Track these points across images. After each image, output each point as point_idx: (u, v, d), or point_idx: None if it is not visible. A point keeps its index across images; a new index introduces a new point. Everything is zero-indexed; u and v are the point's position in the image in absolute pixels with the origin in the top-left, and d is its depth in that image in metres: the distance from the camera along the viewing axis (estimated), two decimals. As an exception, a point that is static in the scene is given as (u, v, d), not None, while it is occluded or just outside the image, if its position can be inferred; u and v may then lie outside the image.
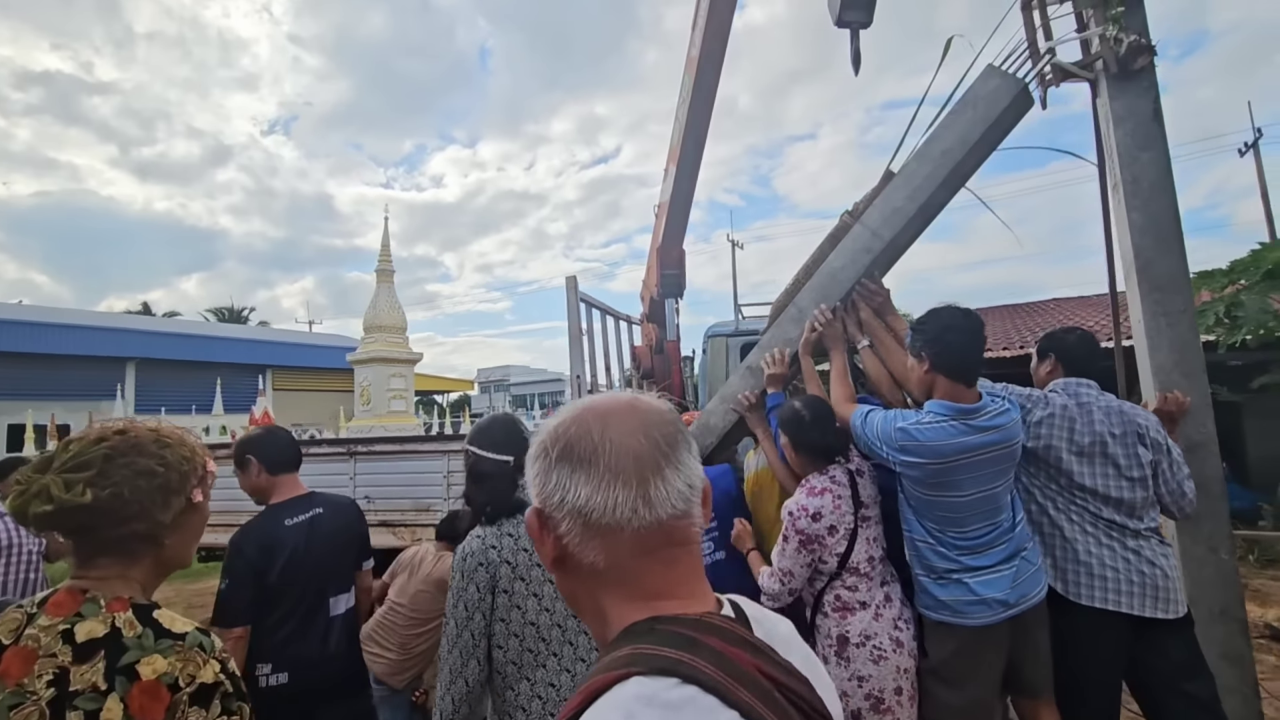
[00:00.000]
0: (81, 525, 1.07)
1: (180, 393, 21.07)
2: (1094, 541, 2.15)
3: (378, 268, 13.00)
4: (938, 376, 2.08)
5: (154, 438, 1.18)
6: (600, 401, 0.72)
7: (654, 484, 0.66)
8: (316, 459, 4.82)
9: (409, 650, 3.39)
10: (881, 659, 2.06)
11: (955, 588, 2.03)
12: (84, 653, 1.00)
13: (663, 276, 5.06)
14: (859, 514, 2.17)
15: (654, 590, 0.67)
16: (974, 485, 2.00)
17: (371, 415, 12.18)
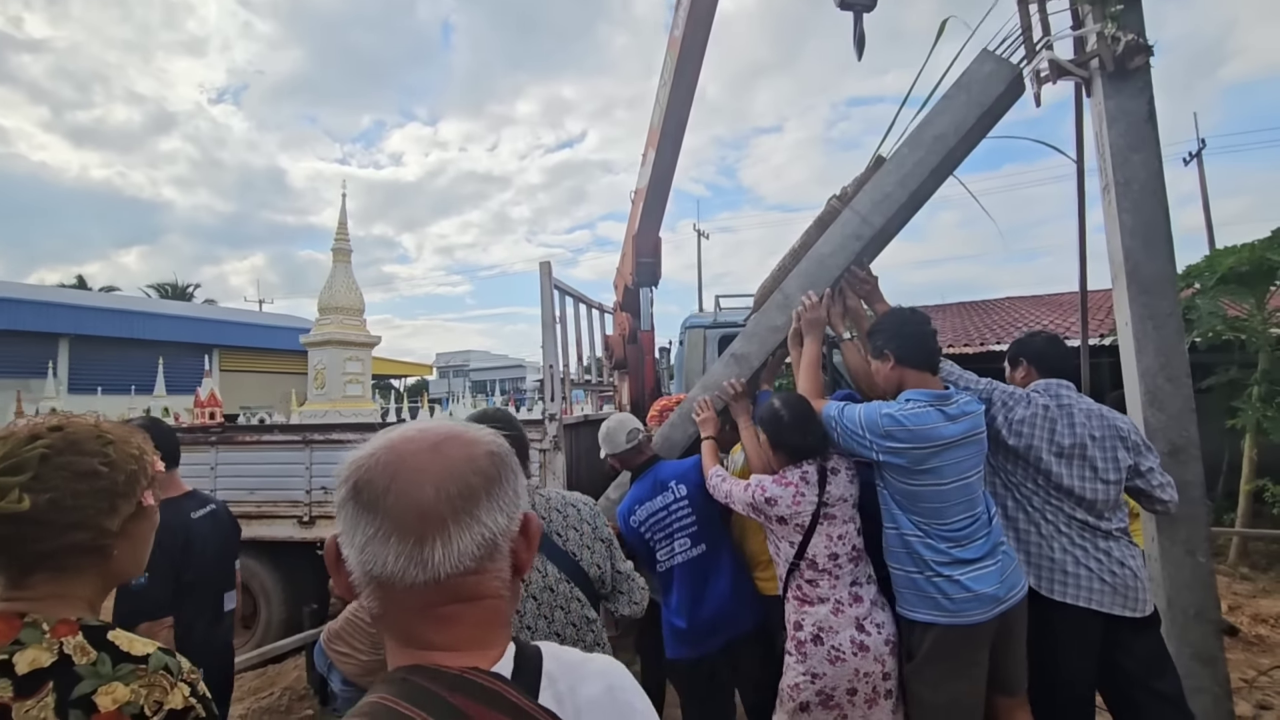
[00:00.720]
0: (13, 537, 0.91)
1: (118, 372, 20.06)
2: (1068, 541, 2.20)
3: (334, 246, 12.51)
4: (905, 370, 2.18)
5: (95, 434, 1.02)
6: (404, 439, 0.67)
7: (432, 543, 0.62)
8: (267, 447, 4.58)
9: (379, 652, 3.22)
10: (839, 660, 2.07)
11: (948, 584, 2.01)
12: (28, 686, 0.85)
13: (638, 264, 4.94)
14: (820, 510, 2.17)
15: (427, 643, 0.65)
16: (953, 473, 2.04)
17: (326, 399, 11.75)
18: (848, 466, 2.27)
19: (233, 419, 16.54)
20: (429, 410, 20.00)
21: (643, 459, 2.68)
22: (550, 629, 1.70)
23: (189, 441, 4.74)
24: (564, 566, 1.79)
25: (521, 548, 0.71)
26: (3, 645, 0.87)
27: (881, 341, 2.23)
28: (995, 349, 10.44)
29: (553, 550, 1.79)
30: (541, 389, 4.31)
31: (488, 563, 0.66)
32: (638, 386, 5.05)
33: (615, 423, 2.70)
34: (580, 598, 1.79)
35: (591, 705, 0.67)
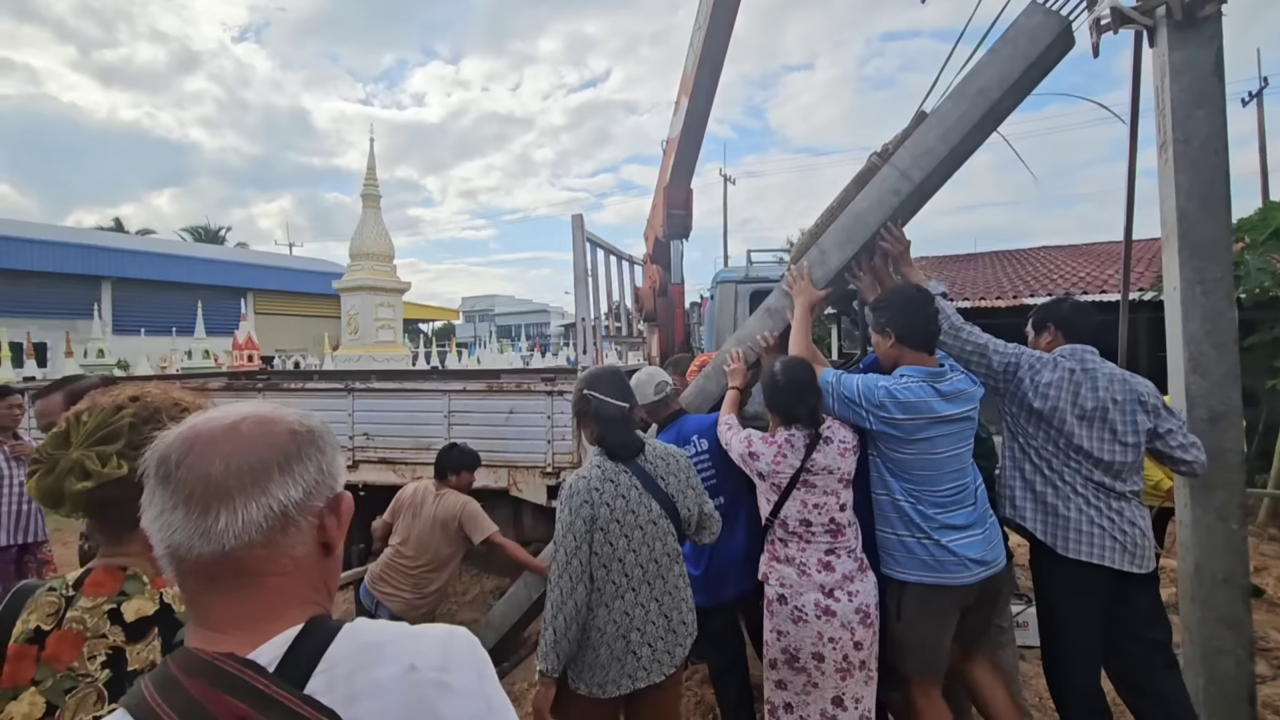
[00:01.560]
0: (115, 500, 1.00)
1: (159, 314, 20.64)
2: (1083, 501, 2.28)
3: (363, 192, 12.57)
4: (904, 349, 2.25)
5: (171, 402, 1.11)
6: (206, 418, 0.70)
7: (217, 514, 0.64)
8: (311, 394, 4.74)
9: (422, 590, 3.44)
10: (801, 620, 2.14)
11: (936, 548, 2.13)
12: (136, 631, 0.95)
13: (669, 216, 4.89)
14: (800, 476, 2.19)
15: (206, 619, 0.66)
16: (945, 445, 2.15)
17: (359, 345, 12.02)
18: (843, 440, 2.24)
19: (269, 361, 17.07)
20: (456, 354, 20.37)
21: (669, 412, 2.75)
22: (651, 555, 1.98)
23: (237, 388, 4.94)
24: (664, 504, 2.03)
25: (331, 525, 0.72)
26: (110, 595, 0.96)
27: (885, 320, 2.29)
28: (1028, 302, 10.19)
29: (656, 490, 2.03)
30: (567, 335, 4.35)
31: (278, 536, 0.67)
32: (668, 339, 5.08)
33: (645, 375, 2.77)
34: (672, 532, 2.04)
35: (375, 689, 0.64)
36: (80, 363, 12.99)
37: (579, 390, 2.12)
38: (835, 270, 2.77)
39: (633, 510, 1.96)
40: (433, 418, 4.44)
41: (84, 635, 0.92)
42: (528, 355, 21.28)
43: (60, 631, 0.92)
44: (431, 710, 0.66)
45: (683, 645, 2.03)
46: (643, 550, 1.96)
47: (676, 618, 2.03)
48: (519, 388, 4.39)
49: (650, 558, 1.97)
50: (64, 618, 0.93)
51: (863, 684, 2.17)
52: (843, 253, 2.75)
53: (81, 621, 0.93)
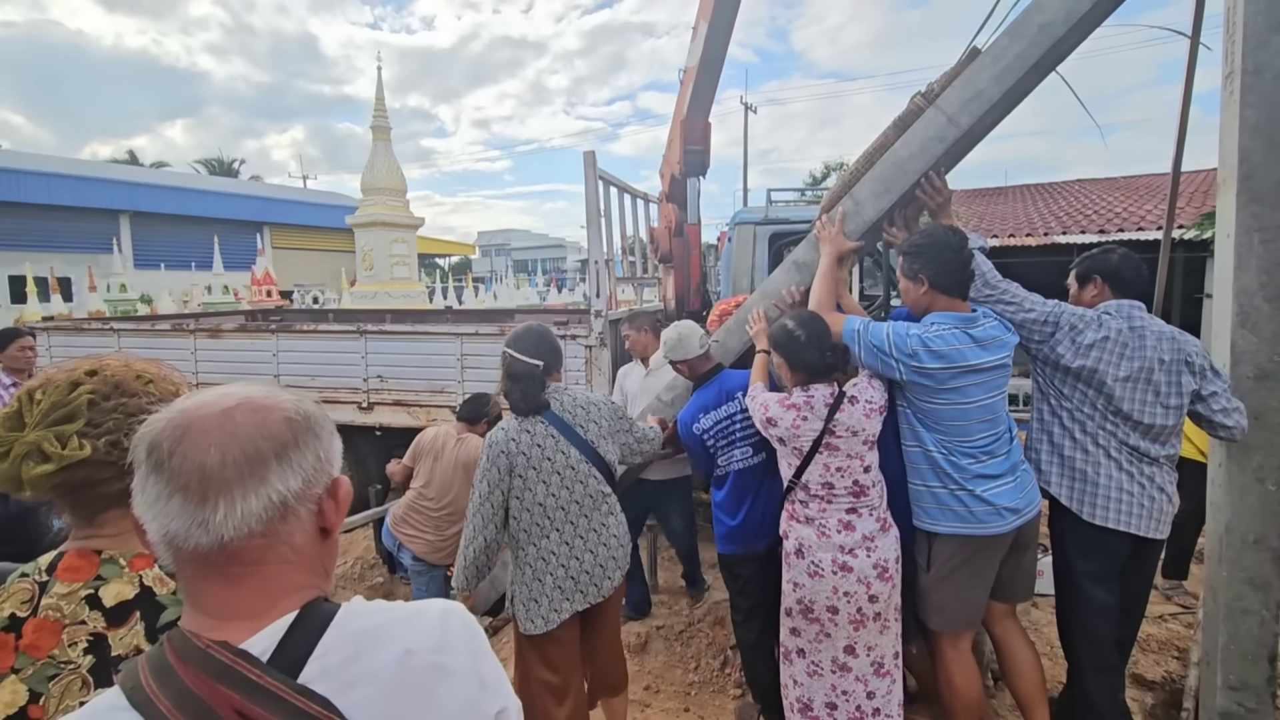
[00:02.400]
0: (86, 481, 0.95)
1: (178, 248, 20.71)
2: (1115, 466, 2.23)
3: (373, 124, 12.25)
4: (937, 295, 2.16)
5: (133, 374, 1.04)
6: (196, 404, 0.68)
7: (215, 505, 0.63)
8: (324, 336, 4.72)
9: (444, 533, 3.52)
10: (817, 575, 2.13)
11: (970, 498, 2.09)
12: (117, 616, 0.92)
13: (686, 152, 4.65)
14: (823, 439, 2.12)
15: (203, 606, 0.66)
16: (978, 394, 2.08)
17: (375, 281, 12.00)
18: (869, 400, 2.16)
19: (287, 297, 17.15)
20: (473, 290, 20.34)
21: (709, 366, 2.72)
22: (572, 498, 2.17)
23: (251, 329, 4.93)
24: (584, 451, 2.20)
25: (330, 510, 0.71)
26: (86, 580, 0.92)
27: (919, 265, 2.18)
28: (1059, 240, 9.81)
29: (574, 438, 2.19)
30: (584, 270, 4.28)
31: (277, 526, 0.66)
32: (683, 281, 4.94)
33: (686, 329, 2.74)
34: (596, 475, 2.22)
35: (370, 676, 0.65)
36: (104, 297, 13.15)
37: (503, 348, 2.27)
38: (870, 223, 2.61)
39: (548, 458, 2.14)
40: (445, 360, 4.41)
41: (62, 623, 0.89)
42: (544, 291, 21.22)
43: (37, 619, 0.89)
44: (428, 694, 0.67)
45: (611, 578, 2.24)
46: (562, 494, 2.15)
47: (605, 553, 2.23)
48: (531, 331, 4.32)
49: (571, 500, 2.16)
50: (39, 605, 0.90)
51: (877, 634, 2.18)
52: (878, 204, 2.58)
53: (58, 609, 0.90)
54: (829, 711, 2.18)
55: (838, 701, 2.18)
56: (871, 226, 2.62)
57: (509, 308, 8.36)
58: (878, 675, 2.19)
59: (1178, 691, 2.88)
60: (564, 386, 2.31)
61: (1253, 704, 2.33)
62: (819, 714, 2.19)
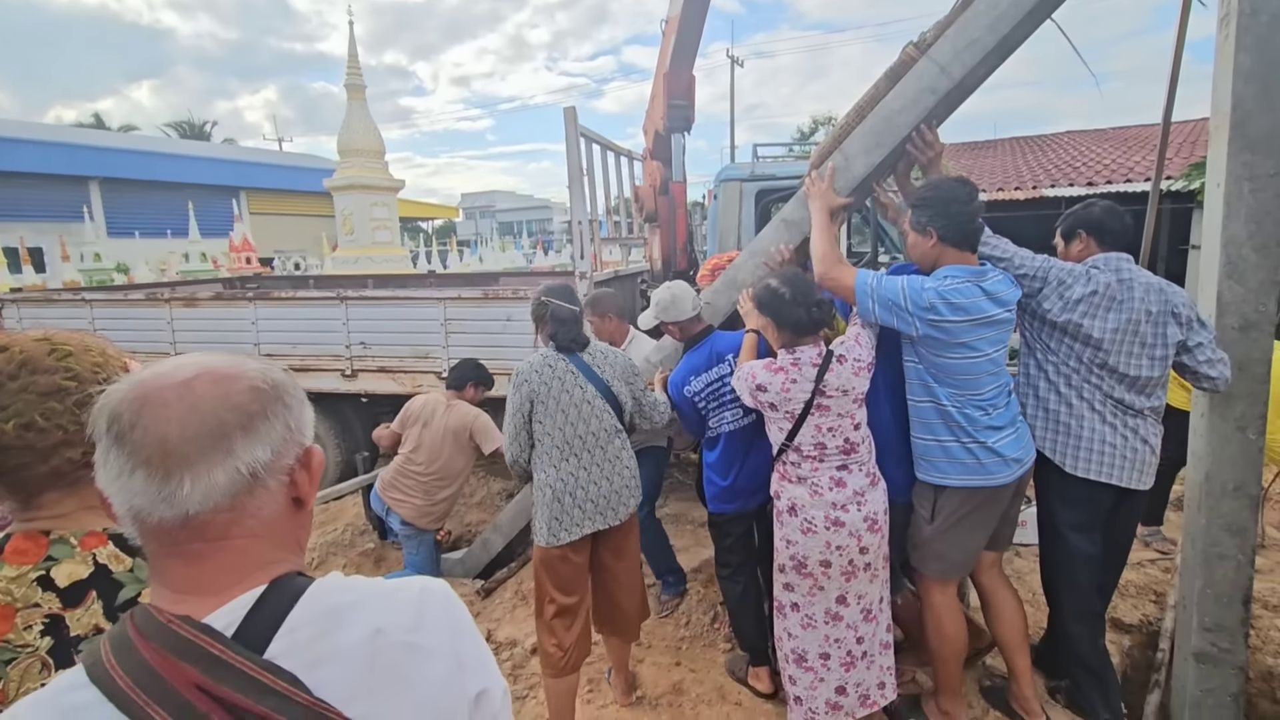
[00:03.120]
0: (8, 465, 0.90)
1: (151, 215, 20.18)
2: (1099, 419, 2.26)
3: (347, 82, 11.84)
4: (946, 248, 2.14)
5: (47, 349, 0.97)
6: (154, 374, 0.65)
7: (180, 479, 0.61)
8: (303, 303, 4.63)
9: (433, 498, 3.54)
10: (810, 532, 2.15)
11: (981, 450, 2.12)
12: (72, 596, 0.89)
13: (670, 108, 4.53)
14: (814, 400, 2.12)
15: (171, 583, 0.65)
16: (988, 346, 2.08)
17: (356, 246, 11.75)
18: (858, 359, 2.15)
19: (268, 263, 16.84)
20: (458, 254, 20.03)
21: (700, 328, 2.72)
22: (589, 429, 2.38)
23: (228, 298, 4.82)
24: (600, 389, 2.41)
25: (303, 481, 0.70)
26: (35, 562, 0.89)
27: (927, 217, 2.14)
28: (1048, 193, 9.77)
29: (592, 376, 2.40)
30: (570, 232, 4.21)
31: (244, 499, 0.65)
32: (669, 241, 4.87)
33: (679, 290, 2.72)
34: (609, 412, 2.43)
35: (337, 654, 0.63)
36: (78, 267, 12.83)
37: (537, 298, 2.47)
38: (860, 179, 2.56)
39: (566, 391, 2.35)
40: (429, 326, 4.34)
41: (14, 606, 0.86)
42: (530, 253, 20.93)
43: None
44: (399, 673, 0.65)
45: (626, 504, 2.44)
46: (579, 425, 2.36)
47: (619, 481, 2.43)
48: (515, 294, 4.25)
49: (588, 431, 2.37)
50: None
51: (867, 582, 2.23)
52: (869, 159, 2.54)
53: (9, 592, 0.86)
54: (822, 661, 2.24)
55: (830, 650, 2.23)
56: (862, 182, 2.57)
57: (494, 271, 8.23)
58: (866, 620, 2.26)
59: (1154, 634, 2.98)
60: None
61: (1226, 644, 2.40)
62: (813, 664, 2.24)
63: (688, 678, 2.76)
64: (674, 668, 2.86)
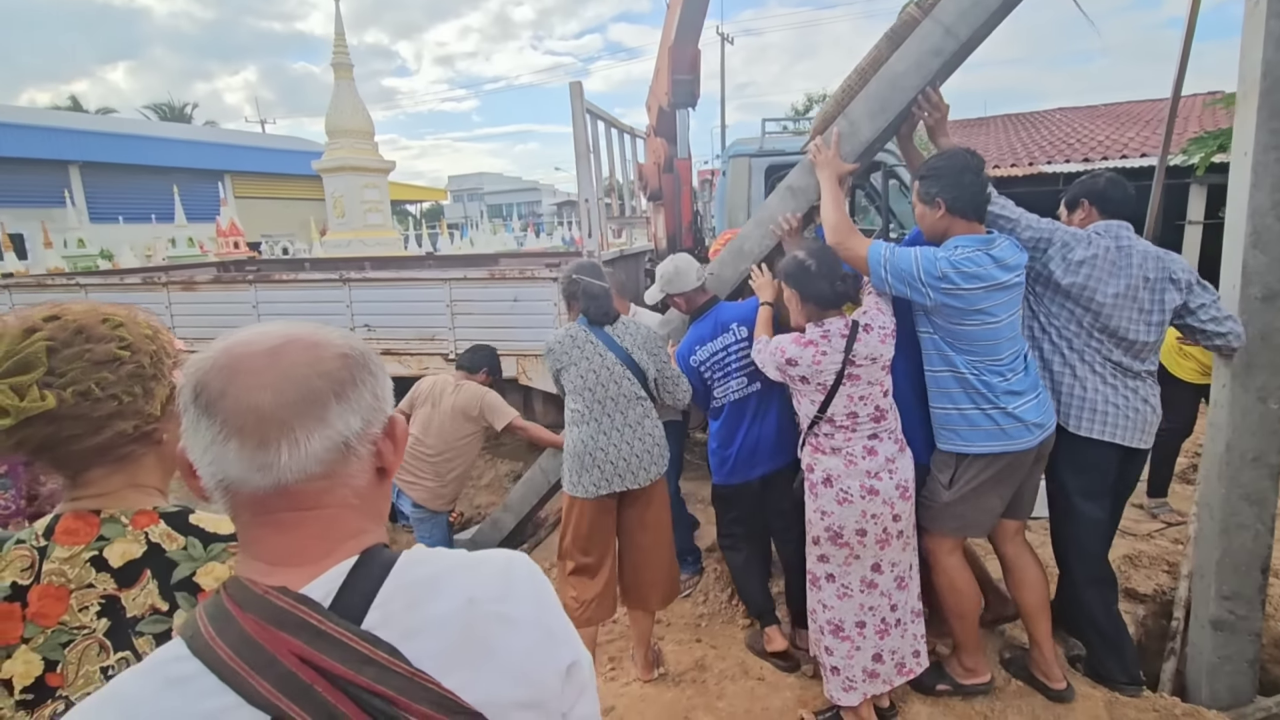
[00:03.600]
0: (53, 438, 0.87)
1: (134, 200, 19.79)
2: (1100, 380, 2.32)
3: (334, 61, 11.58)
4: (955, 219, 2.15)
5: (100, 318, 0.93)
6: (240, 342, 0.64)
7: (276, 447, 0.60)
8: (304, 285, 4.55)
9: (444, 478, 3.52)
10: (846, 501, 2.17)
11: (1002, 416, 2.14)
12: (127, 576, 0.86)
13: (675, 83, 4.45)
14: (845, 371, 2.13)
15: (264, 554, 0.64)
16: (1003, 312, 2.10)
17: (348, 229, 11.57)
18: (883, 326, 2.17)
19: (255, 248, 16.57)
20: (448, 237, 19.81)
21: (705, 299, 2.76)
22: (607, 394, 2.46)
23: (226, 281, 4.74)
24: (620, 356, 2.48)
25: (388, 450, 0.69)
26: (88, 542, 0.86)
27: (937, 189, 2.15)
28: (1045, 170, 9.75)
29: (611, 344, 2.48)
30: (560, 214, 4.15)
31: (339, 468, 0.64)
32: (674, 219, 4.82)
33: (684, 263, 2.75)
34: (630, 378, 2.49)
35: (431, 624, 0.63)
36: (61, 254, 12.57)
37: (568, 276, 2.55)
38: (867, 144, 2.53)
39: (587, 358, 2.46)
40: (434, 307, 4.29)
41: (68, 588, 0.84)
42: (521, 236, 20.73)
43: (41, 586, 0.83)
44: (487, 645, 0.65)
45: (646, 469, 2.50)
46: (598, 389, 2.46)
47: (640, 446, 2.49)
48: (522, 274, 4.20)
49: (607, 396, 2.47)
50: (41, 571, 0.84)
51: (900, 550, 2.26)
52: (875, 124, 2.51)
53: (62, 574, 0.84)
54: (859, 629, 2.26)
55: (866, 619, 2.26)
56: (868, 147, 2.55)
57: (489, 253, 8.14)
58: (899, 588, 2.29)
59: (1168, 603, 3.02)
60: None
61: (1243, 611, 2.43)
62: (849, 633, 2.27)
63: (710, 654, 2.77)
64: (695, 644, 2.87)
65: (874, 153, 2.64)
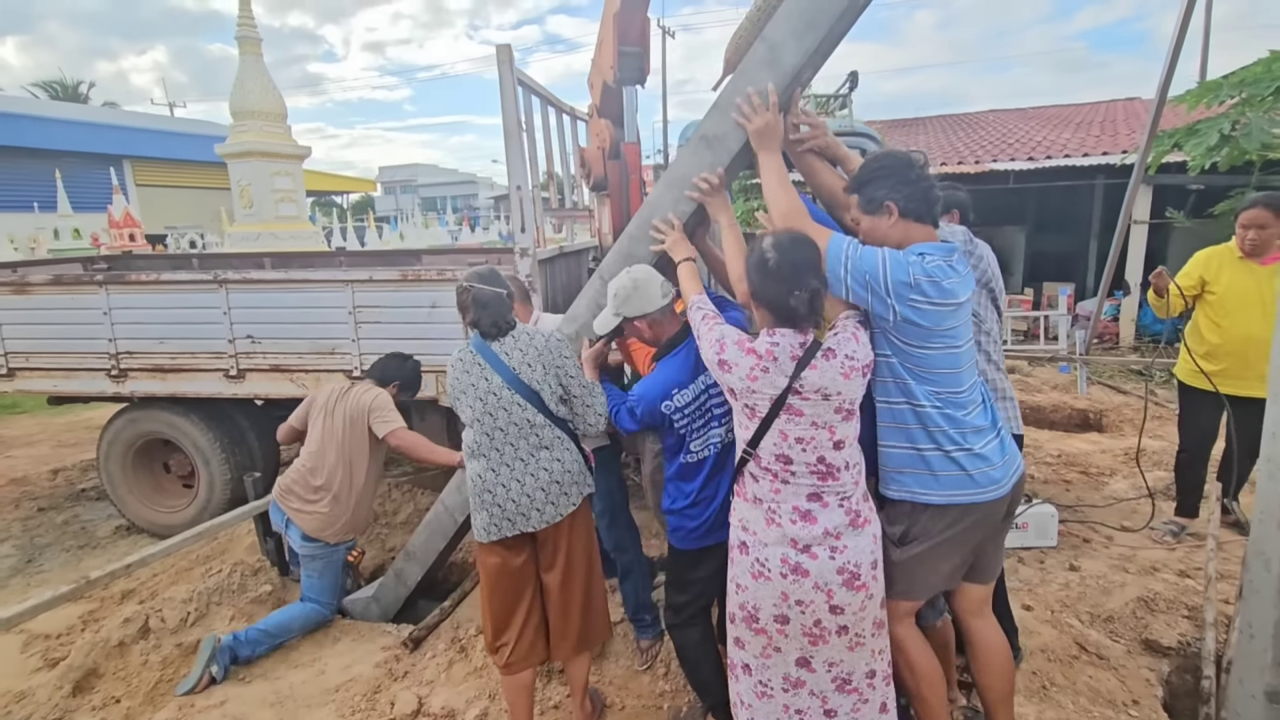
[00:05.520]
0: None
1: (14, 186, 17.78)
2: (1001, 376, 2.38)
3: (239, 34, 10.44)
4: (911, 224, 1.80)
5: None
6: None
7: None
8: (171, 288, 3.73)
9: (340, 502, 2.95)
10: (762, 577, 1.71)
11: (968, 458, 1.79)
12: None
13: (621, 55, 3.85)
14: (784, 399, 1.66)
15: None
16: (965, 334, 1.83)
17: (257, 220, 10.47)
18: (850, 355, 1.67)
19: (159, 241, 15.08)
20: (376, 231, 18.64)
21: (677, 327, 2.17)
22: (495, 425, 2.15)
23: (70, 281, 3.87)
24: (506, 378, 2.15)
25: None
26: None
27: (883, 192, 1.79)
28: (995, 168, 9.67)
29: (497, 364, 2.16)
30: (498, 207, 3.53)
31: None
32: (622, 212, 4.22)
33: (643, 275, 2.14)
34: (521, 403, 2.15)
35: None
36: (-83, 246, 10.96)
37: (460, 284, 2.23)
38: (794, 71, 2.08)
39: (473, 383, 2.17)
40: (335, 314, 3.56)
41: None
42: (456, 230, 19.77)
43: None
44: None
45: (541, 509, 2.15)
46: (486, 419, 2.16)
47: (534, 483, 2.15)
48: (441, 275, 3.53)
49: (495, 426, 2.15)
50: None
51: (843, 650, 1.72)
52: (801, 44, 2.05)
53: None
54: None
55: None
56: (795, 75, 2.07)
57: (416, 249, 7.32)
58: (841, 691, 1.76)
59: (1194, 655, 2.64)
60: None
61: (1308, 683, 2.05)
62: None
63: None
64: (656, 737, 2.31)
65: (802, 83, 2.18)
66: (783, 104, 2.07)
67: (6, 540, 4.33)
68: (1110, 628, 2.78)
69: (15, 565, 4.03)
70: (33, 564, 4.05)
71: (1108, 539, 3.57)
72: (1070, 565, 3.28)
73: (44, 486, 5.27)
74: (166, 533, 3.95)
